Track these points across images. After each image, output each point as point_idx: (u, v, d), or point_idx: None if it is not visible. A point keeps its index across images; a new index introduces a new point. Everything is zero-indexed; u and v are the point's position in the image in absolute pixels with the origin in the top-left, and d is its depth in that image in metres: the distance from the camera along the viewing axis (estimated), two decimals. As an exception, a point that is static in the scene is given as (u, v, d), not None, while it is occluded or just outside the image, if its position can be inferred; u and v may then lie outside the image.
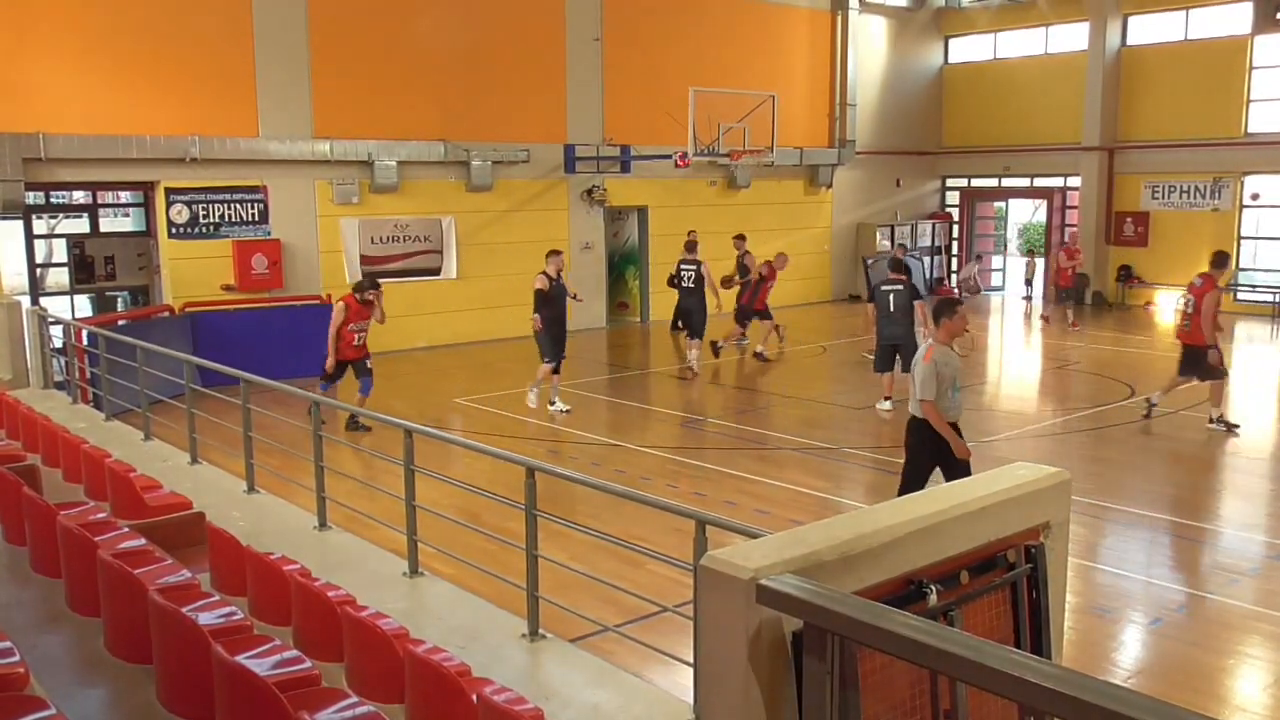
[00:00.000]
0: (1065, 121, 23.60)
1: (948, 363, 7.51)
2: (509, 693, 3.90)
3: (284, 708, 3.29)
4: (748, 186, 22.08)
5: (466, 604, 5.71)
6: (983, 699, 2.84)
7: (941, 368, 7.44)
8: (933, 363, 7.41)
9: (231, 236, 16.08)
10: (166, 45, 15.28)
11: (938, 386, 7.41)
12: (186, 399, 8.74)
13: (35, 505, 5.55)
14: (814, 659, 2.53)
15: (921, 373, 7.51)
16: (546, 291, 12.84)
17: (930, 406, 7.46)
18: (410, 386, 15.36)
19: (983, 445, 11.57)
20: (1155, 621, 7.02)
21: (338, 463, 8.14)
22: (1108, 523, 9.01)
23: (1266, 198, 21.65)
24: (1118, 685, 2.03)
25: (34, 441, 8.26)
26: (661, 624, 6.32)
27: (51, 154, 14.36)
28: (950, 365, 7.52)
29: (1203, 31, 22.07)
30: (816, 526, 2.99)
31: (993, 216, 27.52)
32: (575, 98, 19.57)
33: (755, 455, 11.08)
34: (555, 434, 12.12)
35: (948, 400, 7.51)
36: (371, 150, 17.14)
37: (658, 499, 5.29)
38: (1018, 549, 3.28)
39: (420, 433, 6.23)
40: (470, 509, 8.04)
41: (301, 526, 6.99)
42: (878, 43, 24.95)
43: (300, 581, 4.68)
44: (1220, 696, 6.01)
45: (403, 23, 17.39)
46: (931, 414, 7.48)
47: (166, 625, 3.97)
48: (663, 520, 7.49)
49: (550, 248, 13.81)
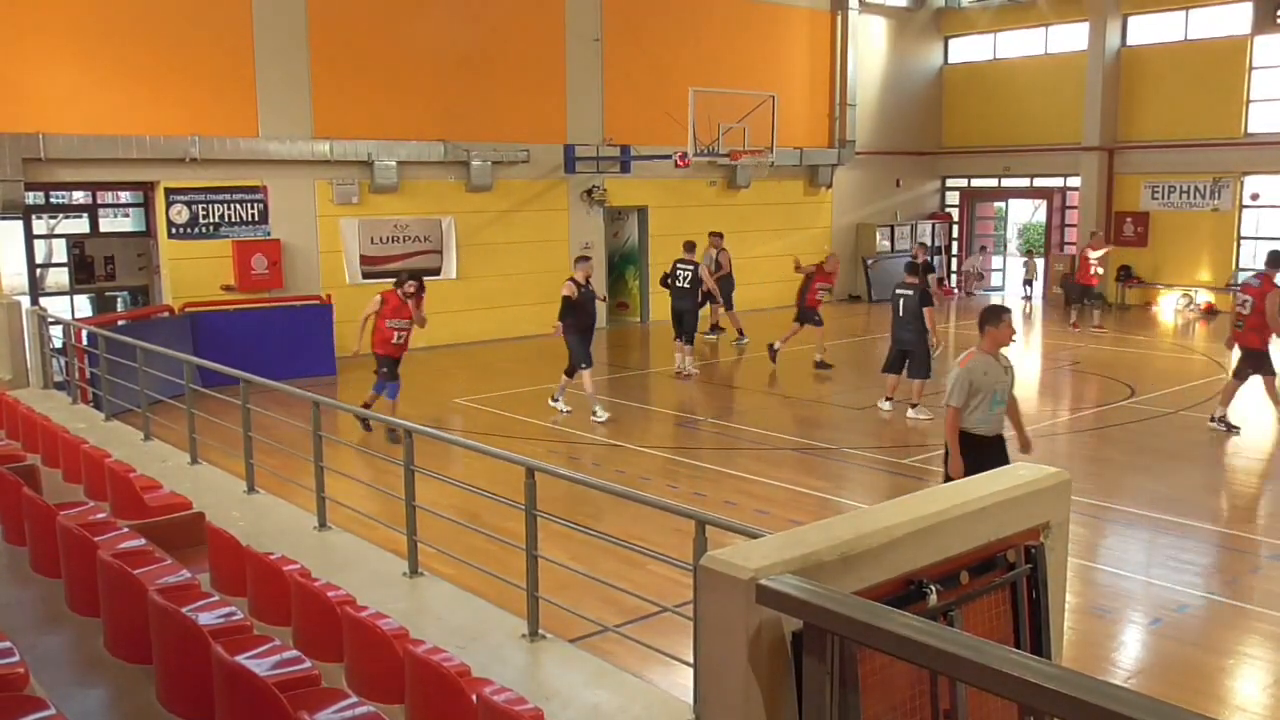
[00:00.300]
0: (1065, 122, 23.60)
1: (986, 372, 7.20)
2: (509, 693, 3.90)
3: (284, 708, 3.29)
4: (748, 187, 22.07)
5: (466, 604, 5.71)
6: (983, 699, 2.84)
7: (977, 376, 7.16)
8: (967, 370, 7.18)
9: (231, 236, 16.08)
10: (166, 45, 15.28)
11: (971, 396, 7.16)
12: (186, 399, 8.74)
13: (35, 505, 5.55)
14: (814, 659, 2.53)
15: (952, 378, 7.29)
16: (575, 299, 12.50)
17: (953, 414, 7.23)
18: (410, 386, 15.28)
19: (983, 445, 11.58)
20: (1155, 621, 7.02)
21: (338, 463, 8.14)
22: (1108, 523, 9.01)
23: (1266, 198, 21.65)
24: (1118, 685, 2.03)
25: (34, 441, 8.26)
26: (661, 624, 6.32)
27: (51, 154, 14.37)
28: (990, 375, 7.20)
29: (1203, 31, 22.06)
30: (816, 526, 2.99)
31: (993, 217, 27.52)
32: (575, 98, 19.57)
33: (755, 455, 11.08)
34: (555, 434, 12.12)
35: (983, 412, 7.20)
36: (371, 150, 17.14)
37: (658, 499, 5.30)
38: (1018, 549, 3.28)
39: (420, 433, 6.24)
40: (470, 509, 8.04)
41: (301, 526, 6.99)
42: (878, 43, 24.96)
43: (300, 581, 4.68)
44: (1220, 696, 6.01)
45: (403, 23, 17.39)
46: (949, 421, 7.26)
47: (166, 625, 3.97)
48: (663, 520, 7.50)
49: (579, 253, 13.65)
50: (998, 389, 7.21)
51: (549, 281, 19.58)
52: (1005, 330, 7.24)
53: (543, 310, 19.42)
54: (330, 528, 6.94)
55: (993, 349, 7.27)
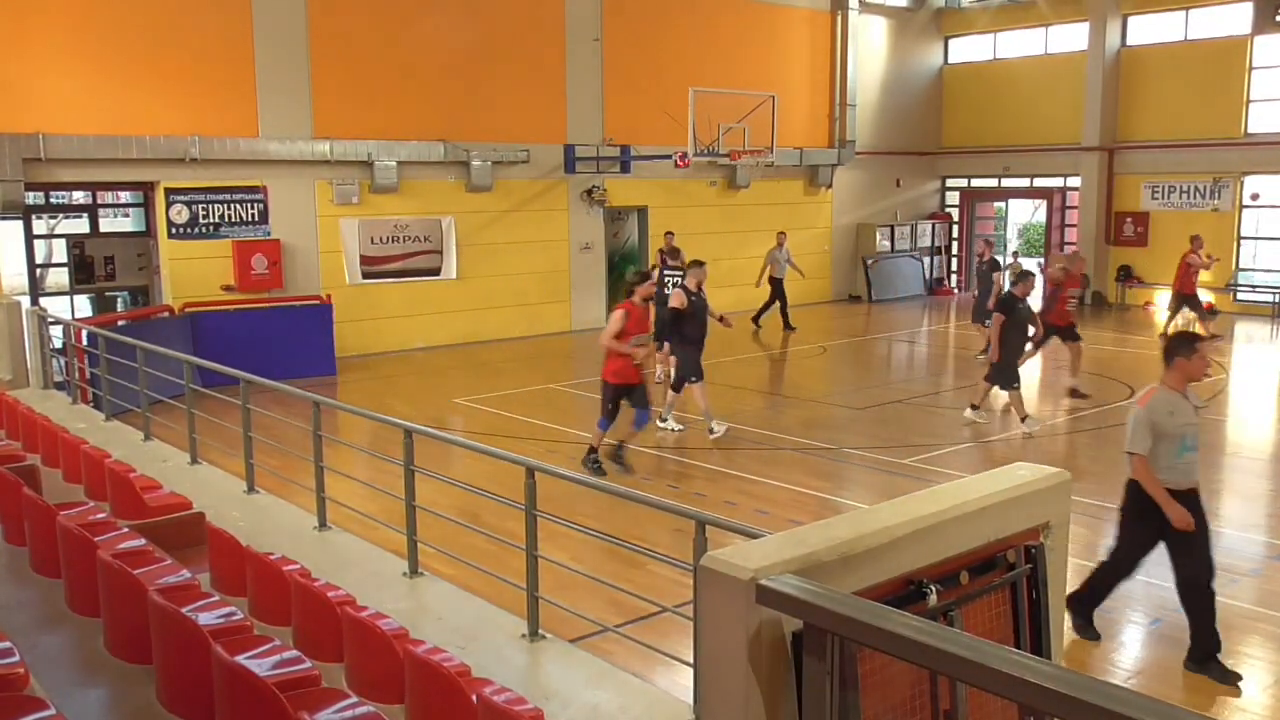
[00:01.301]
0: (1065, 122, 23.60)
1: (1172, 412, 6.03)
2: (509, 693, 3.90)
3: (284, 708, 3.29)
4: (748, 187, 22.07)
5: (466, 604, 5.71)
6: (983, 699, 2.84)
7: (1161, 418, 6.00)
8: (1148, 410, 6.03)
9: (231, 237, 16.08)
10: (166, 45, 15.28)
11: (1156, 441, 6.00)
12: (186, 399, 8.74)
13: (35, 505, 5.55)
14: (814, 659, 2.53)
15: (1133, 420, 6.10)
16: (685, 309, 11.44)
17: (1141, 463, 6.05)
18: (410, 387, 15.37)
19: (983, 445, 11.59)
20: (1155, 622, 7.02)
21: (338, 463, 8.14)
22: (1108, 523, 8.99)
23: (1266, 198, 21.65)
24: (1118, 685, 2.03)
25: (34, 442, 8.26)
26: (661, 624, 6.32)
27: (51, 154, 14.36)
28: (1177, 415, 6.04)
29: (1202, 32, 22.06)
30: (816, 527, 2.99)
31: (993, 217, 27.53)
32: (575, 98, 19.57)
33: (755, 455, 11.07)
34: (556, 434, 12.11)
35: (1171, 459, 6.05)
36: (371, 150, 17.14)
37: (658, 499, 5.31)
38: (1018, 549, 3.28)
39: (420, 433, 6.23)
40: (470, 509, 8.04)
41: (301, 526, 6.99)
42: (878, 43, 24.96)
43: (300, 582, 4.68)
44: (1220, 697, 6.01)
45: (403, 23, 17.39)
46: (1140, 472, 6.07)
47: (166, 625, 3.97)
48: (663, 520, 7.51)
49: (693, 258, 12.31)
50: (1187, 433, 6.07)
51: (549, 281, 19.68)
52: (1199, 363, 6.11)
53: (543, 310, 19.53)
54: (330, 528, 6.94)
55: (1180, 385, 6.11)
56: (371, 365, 16.60)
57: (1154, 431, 5.99)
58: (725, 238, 20.29)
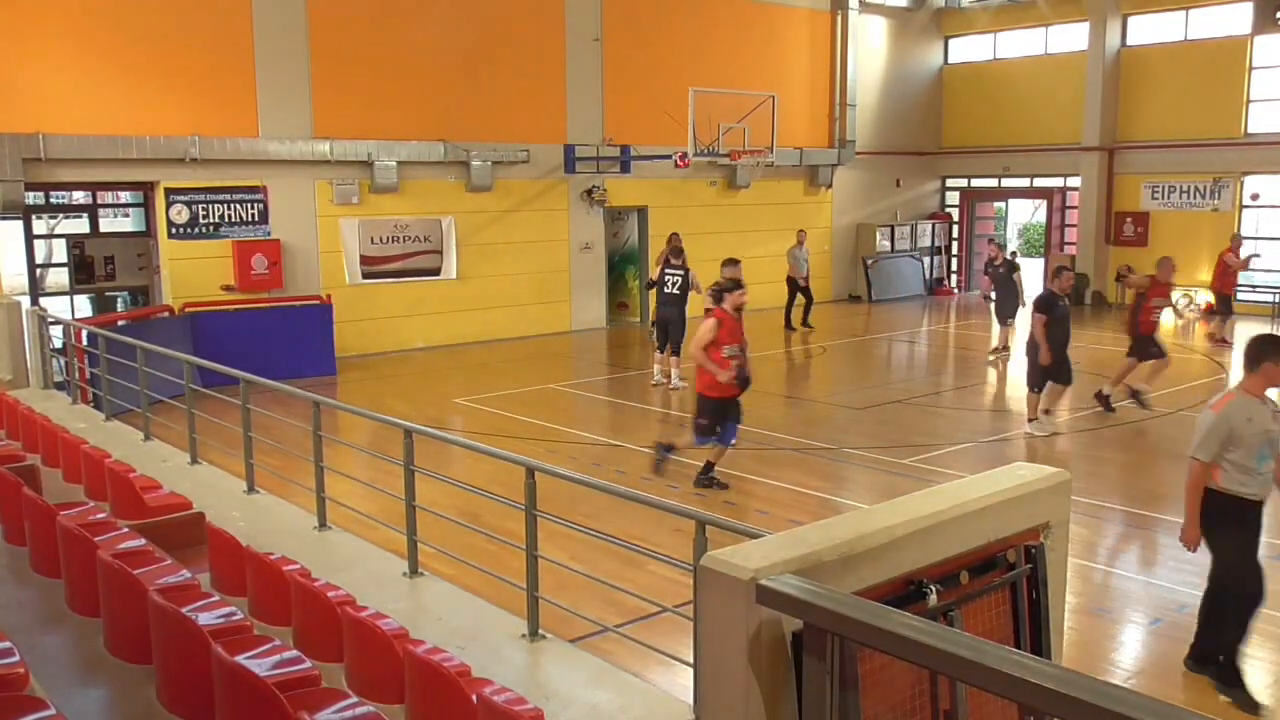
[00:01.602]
0: (1065, 122, 23.61)
1: (1251, 418, 5.69)
2: (509, 693, 3.90)
3: (284, 708, 3.29)
4: (748, 186, 22.07)
5: (466, 604, 5.71)
6: (983, 699, 2.84)
7: (1238, 424, 5.68)
8: (1224, 415, 5.73)
9: (231, 237, 16.08)
10: (166, 45, 15.28)
11: (1228, 449, 5.71)
12: (186, 399, 8.74)
13: (35, 505, 5.55)
14: (814, 659, 2.53)
15: (1203, 423, 5.83)
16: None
17: (1199, 470, 5.80)
18: (409, 387, 15.37)
19: (983, 445, 11.58)
20: (1155, 622, 7.02)
21: (338, 463, 8.14)
22: (1108, 523, 9.01)
23: (1266, 198, 21.65)
24: (1118, 685, 2.04)
25: (34, 442, 8.26)
26: (661, 624, 6.32)
27: (51, 154, 14.36)
28: (1256, 422, 5.69)
29: (1202, 32, 22.07)
30: (816, 527, 2.99)
31: (993, 217, 27.52)
32: (575, 98, 19.57)
33: (755, 455, 11.07)
34: (556, 434, 12.11)
35: (1251, 468, 5.73)
36: (371, 150, 17.14)
37: (658, 499, 5.30)
38: (1018, 549, 3.28)
39: (420, 433, 6.23)
40: (470, 509, 8.04)
41: (301, 526, 6.99)
42: (877, 43, 24.96)
43: (300, 582, 4.68)
44: (1220, 697, 6.01)
45: (402, 23, 17.39)
46: (1193, 475, 5.84)
47: (166, 625, 3.97)
48: (663, 520, 7.51)
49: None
50: (1265, 441, 5.74)
51: (549, 282, 19.68)
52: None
53: (543, 310, 19.53)
54: (330, 528, 6.94)
55: (1260, 390, 5.80)
56: (371, 365, 16.60)
57: (1229, 439, 5.71)
58: (725, 238, 20.22)
